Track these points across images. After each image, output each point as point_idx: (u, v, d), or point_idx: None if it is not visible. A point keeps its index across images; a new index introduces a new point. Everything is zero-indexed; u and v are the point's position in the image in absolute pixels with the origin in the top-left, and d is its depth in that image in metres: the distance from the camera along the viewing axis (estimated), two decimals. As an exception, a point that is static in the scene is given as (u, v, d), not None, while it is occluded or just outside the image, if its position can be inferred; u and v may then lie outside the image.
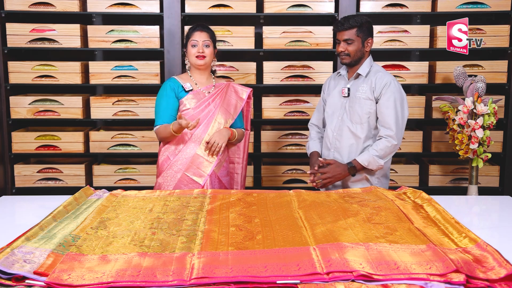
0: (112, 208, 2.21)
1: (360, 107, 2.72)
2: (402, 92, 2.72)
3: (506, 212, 2.45)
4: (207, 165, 2.77)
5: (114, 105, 3.80)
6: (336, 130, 2.81)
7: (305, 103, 3.83)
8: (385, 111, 2.67)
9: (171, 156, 2.81)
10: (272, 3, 3.74)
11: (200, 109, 2.79)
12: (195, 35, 2.79)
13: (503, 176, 3.83)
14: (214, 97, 2.83)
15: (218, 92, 2.85)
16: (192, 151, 2.78)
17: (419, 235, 1.81)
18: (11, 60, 3.75)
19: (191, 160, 2.77)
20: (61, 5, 3.71)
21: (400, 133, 2.69)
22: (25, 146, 3.81)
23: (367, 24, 2.72)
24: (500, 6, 3.74)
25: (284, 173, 3.87)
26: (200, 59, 2.78)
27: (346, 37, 2.69)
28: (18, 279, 1.55)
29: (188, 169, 2.76)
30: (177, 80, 2.85)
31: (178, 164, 2.78)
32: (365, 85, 2.72)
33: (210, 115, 2.80)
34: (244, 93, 2.92)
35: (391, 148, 2.68)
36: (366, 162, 2.64)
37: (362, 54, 2.74)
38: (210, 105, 2.82)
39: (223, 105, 2.84)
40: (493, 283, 1.51)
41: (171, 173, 2.78)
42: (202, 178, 2.76)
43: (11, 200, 2.71)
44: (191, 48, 2.79)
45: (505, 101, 3.78)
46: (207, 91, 2.84)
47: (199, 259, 1.65)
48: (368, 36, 2.73)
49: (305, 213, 2.13)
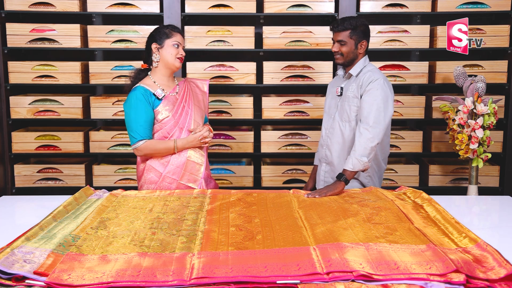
0: (112, 208, 2.21)
1: (348, 106, 2.76)
2: (387, 90, 2.69)
3: (506, 212, 2.45)
4: (199, 168, 2.71)
5: (114, 105, 3.80)
6: (329, 128, 2.87)
7: (305, 103, 3.83)
8: (364, 106, 2.66)
9: (159, 168, 2.68)
10: (272, 3, 3.74)
11: (178, 114, 2.69)
12: (177, 36, 2.68)
13: (503, 176, 3.83)
14: (184, 97, 2.73)
15: (184, 91, 2.75)
16: (183, 158, 2.68)
17: (419, 235, 1.81)
18: (11, 60, 3.76)
19: (184, 167, 2.68)
20: (61, 5, 3.71)
21: (378, 128, 2.61)
22: (25, 146, 3.81)
23: (362, 27, 2.75)
24: (500, 6, 3.74)
25: (284, 173, 3.87)
26: (181, 62, 2.69)
27: (340, 38, 2.75)
28: (18, 279, 1.55)
29: (183, 177, 2.68)
30: (146, 88, 2.66)
31: (171, 175, 2.67)
32: (354, 84, 2.77)
33: (189, 117, 2.71)
34: (204, 85, 2.86)
35: (368, 142, 2.59)
36: (351, 165, 2.59)
37: (355, 55, 2.77)
38: (185, 107, 2.72)
39: (194, 103, 2.76)
40: (493, 283, 1.51)
41: (165, 185, 2.67)
42: (197, 182, 2.70)
43: (11, 200, 2.70)
44: (172, 48, 2.65)
45: (505, 101, 3.78)
46: (175, 93, 2.72)
47: (199, 259, 1.65)
48: (363, 39, 2.76)
49: (305, 213, 2.13)
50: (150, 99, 2.64)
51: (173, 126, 2.67)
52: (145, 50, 2.76)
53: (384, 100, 2.67)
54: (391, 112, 2.71)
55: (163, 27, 2.72)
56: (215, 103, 3.81)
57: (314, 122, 3.99)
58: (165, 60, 2.67)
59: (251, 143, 3.87)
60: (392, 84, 2.89)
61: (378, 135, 2.62)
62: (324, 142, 2.90)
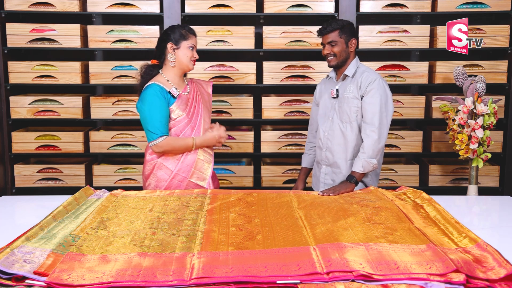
0: (112, 208, 2.21)
1: (348, 107, 2.77)
2: (387, 90, 2.75)
3: (506, 212, 2.45)
4: (207, 167, 2.75)
5: (114, 105, 3.80)
6: (327, 130, 2.87)
7: (305, 103, 3.83)
8: (368, 108, 2.71)
9: (171, 166, 2.71)
10: (272, 3, 3.74)
11: (191, 113, 2.73)
12: (193, 38, 2.73)
13: (503, 176, 3.83)
14: (195, 97, 2.77)
15: (194, 91, 2.80)
16: (194, 157, 2.73)
17: (419, 235, 1.81)
18: (11, 60, 3.75)
19: (194, 166, 2.72)
20: (61, 5, 3.71)
21: (383, 129, 2.71)
22: (25, 146, 3.81)
23: (348, 26, 2.80)
24: (500, 6, 3.74)
25: (284, 173, 3.87)
26: (194, 64, 2.75)
27: (330, 39, 2.76)
28: (18, 279, 1.55)
29: (192, 175, 2.72)
30: (161, 86, 2.68)
31: (181, 173, 2.71)
32: (352, 85, 2.78)
33: (199, 116, 2.76)
34: (209, 87, 2.91)
35: (376, 143, 2.68)
36: (361, 168, 2.66)
37: (348, 54, 2.79)
38: (196, 107, 2.76)
39: (203, 103, 2.81)
40: (493, 283, 1.51)
41: (175, 183, 2.71)
42: (205, 181, 2.74)
43: (11, 200, 2.70)
44: (188, 50, 2.70)
45: (505, 101, 3.78)
46: (186, 92, 2.76)
47: (199, 259, 1.65)
48: (351, 37, 2.79)
49: (305, 213, 2.13)
50: (166, 96, 2.67)
51: (186, 125, 2.71)
52: (157, 47, 2.77)
53: (385, 100, 2.72)
54: (391, 111, 2.77)
55: (179, 28, 2.74)
56: (215, 103, 3.81)
57: (314, 122, 3.99)
58: (180, 61, 2.71)
59: (251, 143, 3.87)
60: (392, 84, 2.91)
61: (384, 135, 2.72)
62: (323, 145, 2.89)
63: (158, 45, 2.76)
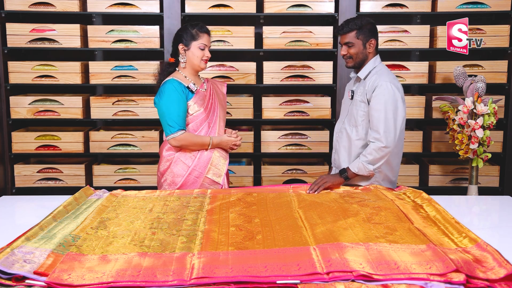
0: (112, 208, 2.21)
1: (356, 110, 2.71)
2: (395, 94, 2.61)
3: (506, 212, 2.45)
4: (224, 163, 2.79)
5: (114, 105, 3.80)
6: (338, 132, 2.84)
7: (305, 103, 3.83)
8: (373, 114, 2.61)
9: (188, 161, 2.73)
10: (272, 3, 3.74)
11: (208, 109, 2.77)
12: (204, 37, 2.73)
13: (503, 176, 3.83)
14: (211, 95, 2.81)
15: (210, 89, 2.83)
16: (210, 154, 2.76)
17: (419, 235, 1.81)
18: (11, 60, 3.75)
19: (210, 162, 2.75)
20: (61, 5, 3.71)
21: (390, 135, 2.58)
22: (25, 146, 3.81)
23: (368, 26, 2.68)
24: (500, 6, 3.74)
25: (284, 173, 3.87)
26: (206, 63, 2.77)
27: (347, 40, 2.68)
28: (18, 279, 1.55)
29: (209, 171, 2.75)
30: (180, 81, 2.72)
31: (198, 169, 2.73)
32: (362, 87, 2.71)
33: (216, 114, 2.80)
34: (223, 87, 2.94)
35: (379, 151, 2.58)
36: (356, 169, 2.60)
37: (365, 55, 2.69)
38: (213, 104, 2.80)
39: (219, 101, 2.84)
40: (493, 283, 1.51)
41: (191, 178, 2.73)
42: (221, 177, 2.77)
43: (11, 200, 2.70)
44: (198, 50, 2.71)
45: (505, 101, 3.78)
46: (203, 89, 2.80)
47: (199, 259, 1.65)
48: (370, 37, 2.68)
49: (305, 213, 2.13)
50: (185, 91, 2.71)
51: (203, 121, 2.74)
52: (172, 46, 2.81)
53: (393, 106, 2.60)
54: (402, 116, 2.63)
55: (190, 27, 2.75)
56: (215, 103, 3.81)
57: (314, 122, 4.00)
58: (190, 62, 2.75)
59: (251, 143, 3.87)
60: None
61: (391, 142, 2.58)
62: (334, 146, 2.87)
63: (172, 45, 2.82)
